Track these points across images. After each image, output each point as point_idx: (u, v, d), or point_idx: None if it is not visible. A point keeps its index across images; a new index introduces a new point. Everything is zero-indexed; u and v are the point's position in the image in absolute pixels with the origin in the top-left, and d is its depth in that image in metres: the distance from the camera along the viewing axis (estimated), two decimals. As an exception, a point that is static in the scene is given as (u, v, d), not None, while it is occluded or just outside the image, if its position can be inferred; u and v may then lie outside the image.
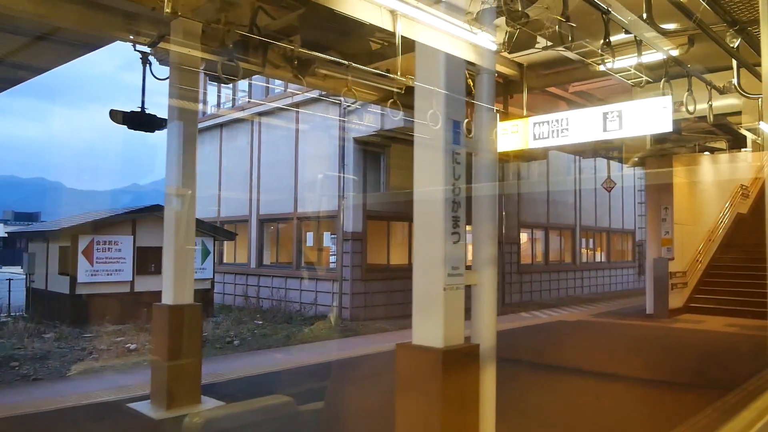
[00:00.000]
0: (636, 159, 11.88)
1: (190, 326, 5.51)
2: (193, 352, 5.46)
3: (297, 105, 15.97)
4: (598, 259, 22.82)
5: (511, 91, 7.88)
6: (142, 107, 6.07)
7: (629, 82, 7.00)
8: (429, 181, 3.42)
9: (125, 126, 5.95)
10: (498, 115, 3.90)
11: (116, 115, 5.90)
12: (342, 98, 13.77)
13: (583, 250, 21.85)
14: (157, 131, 6.05)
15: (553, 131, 6.99)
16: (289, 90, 15.75)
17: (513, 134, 7.38)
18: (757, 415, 3.02)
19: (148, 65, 6.13)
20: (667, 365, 8.96)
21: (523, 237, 19.48)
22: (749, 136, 10.12)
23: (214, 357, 10.31)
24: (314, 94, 14.44)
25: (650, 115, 6.24)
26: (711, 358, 9.58)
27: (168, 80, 5.80)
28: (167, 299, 5.62)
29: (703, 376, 8.27)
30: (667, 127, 6.19)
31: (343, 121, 14.50)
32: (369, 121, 13.59)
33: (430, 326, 3.36)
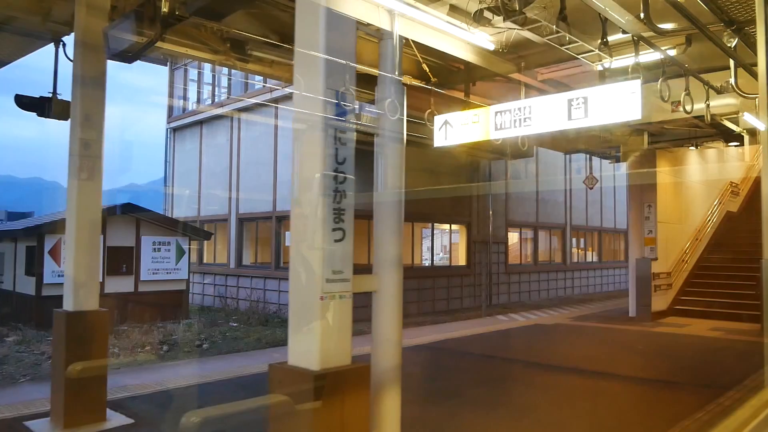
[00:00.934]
0: (617, 153, 11.32)
1: (93, 335, 4.92)
2: (98, 364, 4.88)
3: (276, 101, 15.49)
4: (589, 259, 22.29)
5: (473, 78, 7.31)
6: (54, 93, 5.51)
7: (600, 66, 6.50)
8: (306, 165, 2.79)
9: (34, 113, 5.39)
10: (405, 89, 3.36)
11: (23, 101, 5.34)
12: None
13: (574, 250, 21.31)
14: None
15: (515, 120, 6.41)
16: (267, 85, 15.25)
17: (474, 124, 6.82)
18: (751, 413, 3.01)
19: (61, 47, 5.58)
20: (632, 373, 8.41)
21: (512, 237, 18.94)
22: (738, 130, 9.64)
23: (170, 363, 9.78)
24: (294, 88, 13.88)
25: (618, 102, 5.65)
26: (685, 367, 8.94)
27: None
28: (67, 305, 5.03)
29: (670, 385, 7.67)
30: (636, 115, 5.62)
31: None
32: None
33: (304, 344, 2.73)
